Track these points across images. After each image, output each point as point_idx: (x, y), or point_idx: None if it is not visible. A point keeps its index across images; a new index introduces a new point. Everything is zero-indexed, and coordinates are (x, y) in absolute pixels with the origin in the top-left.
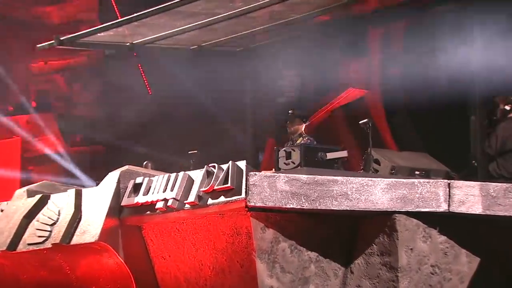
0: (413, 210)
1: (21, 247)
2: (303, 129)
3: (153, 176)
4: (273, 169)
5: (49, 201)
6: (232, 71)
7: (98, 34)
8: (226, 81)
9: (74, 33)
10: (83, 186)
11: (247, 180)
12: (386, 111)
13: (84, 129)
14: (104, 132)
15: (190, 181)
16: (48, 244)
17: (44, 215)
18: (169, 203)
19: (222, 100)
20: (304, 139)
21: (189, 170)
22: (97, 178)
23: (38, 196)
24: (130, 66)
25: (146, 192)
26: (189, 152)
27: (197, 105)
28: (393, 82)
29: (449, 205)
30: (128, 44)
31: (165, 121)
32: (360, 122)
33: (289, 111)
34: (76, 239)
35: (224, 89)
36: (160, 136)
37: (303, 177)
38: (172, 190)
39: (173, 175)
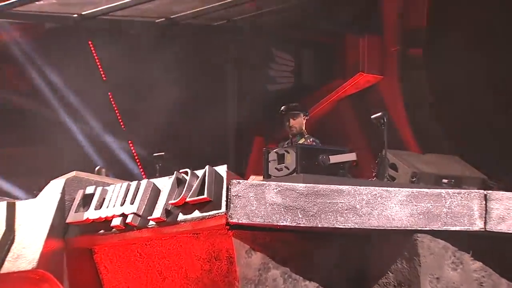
0: (439, 229)
1: None
2: (304, 127)
3: (108, 184)
4: (262, 176)
5: None
6: (210, 51)
7: (37, 3)
8: (203, 64)
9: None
10: (17, 198)
11: (228, 190)
12: (406, 102)
13: None
14: None
15: (156, 192)
16: None
17: None
18: (129, 220)
19: (197, 89)
20: (308, 140)
21: (155, 176)
22: (32, 186)
23: None
24: (78, 44)
25: (99, 205)
26: (154, 155)
27: (165, 95)
28: (414, 63)
29: (485, 222)
30: (75, 15)
31: (123, 114)
32: (372, 116)
33: (283, 107)
34: (7, 266)
35: (200, 74)
36: None
37: (300, 186)
38: (132, 203)
39: (133, 183)
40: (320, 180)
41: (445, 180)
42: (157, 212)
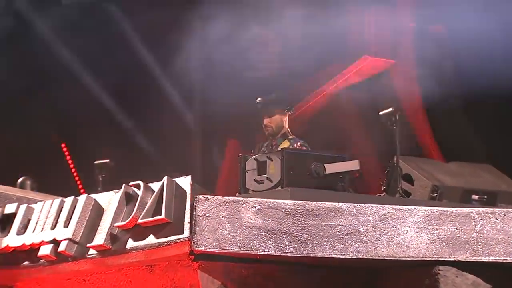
0: (468, 259)
1: None
2: (287, 126)
3: (35, 201)
4: (237, 191)
5: None
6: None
7: None
8: (155, 46)
9: None
10: None
11: (193, 208)
12: (425, 94)
13: None
14: None
15: (98, 211)
16: None
17: None
18: (62, 248)
19: (151, 79)
20: (294, 143)
21: (97, 191)
22: None
23: None
24: None
25: (23, 229)
26: (96, 162)
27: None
28: (437, 44)
29: None
30: None
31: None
32: (381, 112)
33: (259, 99)
34: None
35: (154, 59)
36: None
37: (286, 203)
38: (66, 225)
39: (68, 200)
40: (313, 196)
41: (475, 196)
42: (100, 238)
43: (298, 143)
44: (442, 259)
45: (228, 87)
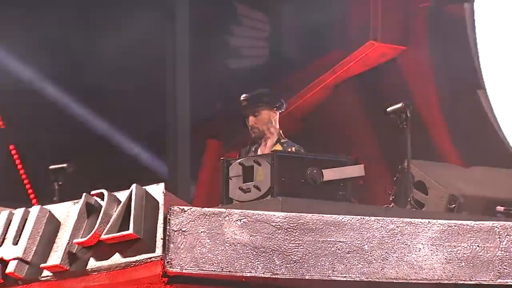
0: (492, 283)
1: None
2: (277, 126)
3: None
4: (219, 202)
5: None
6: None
7: None
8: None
9: None
10: None
11: (167, 222)
12: (441, 87)
13: None
14: None
15: (53, 225)
16: None
17: None
18: (10, 269)
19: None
20: (288, 148)
21: (53, 201)
22: None
23: None
24: None
25: None
26: (51, 167)
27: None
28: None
29: None
30: None
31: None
32: (389, 108)
33: (244, 95)
34: None
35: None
36: None
37: (277, 216)
38: (15, 242)
39: (17, 212)
40: (309, 207)
41: (500, 208)
42: (55, 257)
43: (293, 148)
44: (461, 282)
45: (207, 78)
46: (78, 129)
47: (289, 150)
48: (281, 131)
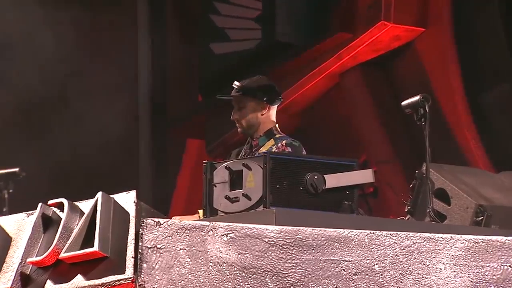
0: None
1: None
2: (273, 119)
3: None
4: (201, 213)
5: None
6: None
7: None
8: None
9: None
10: None
11: (139, 237)
12: (466, 76)
13: None
14: None
15: (3, 240)
16: None
17: None
18: None
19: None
20: (281, 144)
21: (2, 213)
22: None
23: None
24: None
25: None
26: (1, 172)
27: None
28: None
29: None
30: None
31: None
32: (404, 102)
33: (237, 83)
34: None
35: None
36: None
37: (271, 230)
38: None
39: None
40: (308, 220)
41: None
42: (6, 279)
43: (283, 142)
44: None
45: (186, 65)
46: (34, 127)
47: (282, 146)
48: (277, 125)
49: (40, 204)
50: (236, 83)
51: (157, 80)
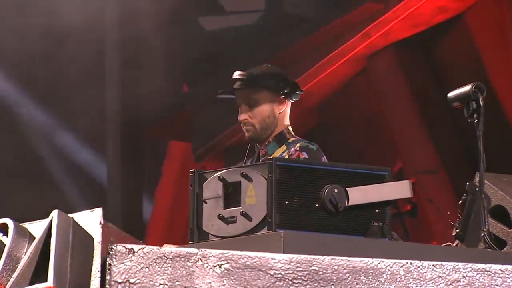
0: None
1: None
2: (286, 121)
3: None
4: (189, 238)
5: None
6: None
7: None
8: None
9: None
10: None
11: (106, 268)
12: None
13: None
14: None
15: None
16: None
17: None
18: None
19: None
20: (292, 147)
21: None
22: None
23: None
24: None
25: None
26: None
27: None
28: None
29: None
30: None
31: None
32: (451, 93)
33: (238, 74)
34: None
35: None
36: None
37: (278, 260)
38: None
39: None
40: (326, 246)
41: None
42: None
43: (297, 146)
44: None
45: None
46: None
47: (296, 151)
48: (290, 128)
49: None
50: (240, 72)
51: (129, 64)
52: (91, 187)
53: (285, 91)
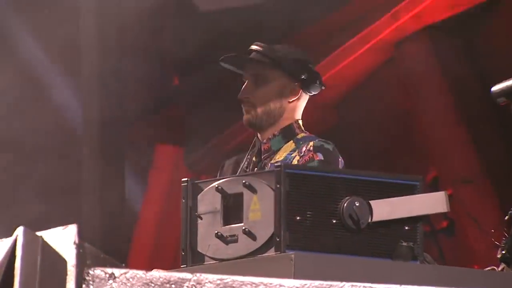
0: None
1: None
2: (297, 114)
3: None
4: (181, 261)
5: None
6: None
7: None
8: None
9: None
10: None
11: None
12: None
13: None
14: None
15: None
16: None
17: None
18: None
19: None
20: (306, 149)
21: None
22: None
23: None
24: None
25: None
26: None
27: None
28: None
29: None
30: None
31: None
32: (496, 87)
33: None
34: None
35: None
36: None
37: (288, 286)
38: None
39: None
40: (345, 270)
41: None
42: None
43: (310, 145)
44: None
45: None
46: None
47: (309, 151)
48: (300, 122)
49: None
50: (260, 43)
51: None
52: (66, 199)
53: (302, 79)
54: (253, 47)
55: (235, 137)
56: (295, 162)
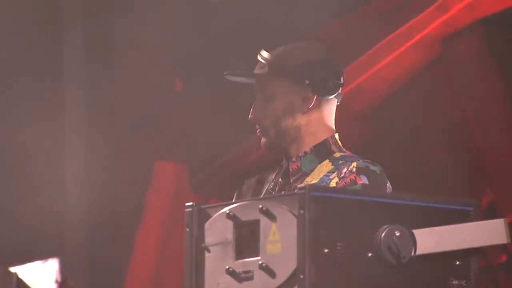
0: None
1: None
2: (329, 123)
3: None
4: None
5: None
6: None
7: None
8: None
9: None
10: None
11: None
12: None
13: None
14: None
15: None
16: None
17: None
18: None
19: None
20: (347, 170)
21: None
22: None
23: None
24: None
25: None
26: None
27: None
28: None
29: None
30: None
31: None
32: None
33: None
34: None
35: None
36: None
37: None
38: None
39: None
40: None
41: None
42: None
43: (353, 166)
44: None
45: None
46: None
47: (351, 173)
48: (336, 135)
49: None
50: (264, 52)
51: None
52: (50, 226)
53: (308, 83)
54: (258, 57)
55: (248, 154)
56: (332, 185)
